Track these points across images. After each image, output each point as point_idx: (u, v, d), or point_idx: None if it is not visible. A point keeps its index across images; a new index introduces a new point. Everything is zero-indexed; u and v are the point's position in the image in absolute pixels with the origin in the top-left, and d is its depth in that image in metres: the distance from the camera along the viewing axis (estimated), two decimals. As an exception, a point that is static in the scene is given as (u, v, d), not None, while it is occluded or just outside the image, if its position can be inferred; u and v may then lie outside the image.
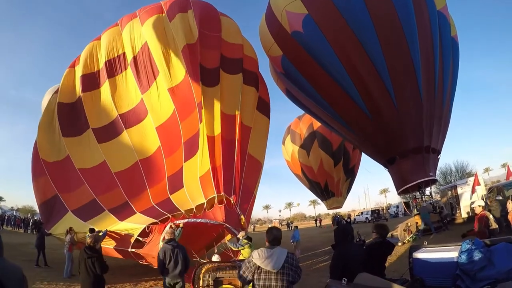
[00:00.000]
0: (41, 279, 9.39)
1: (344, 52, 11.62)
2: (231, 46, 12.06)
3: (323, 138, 24.03)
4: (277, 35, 12.94)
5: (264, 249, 3.12)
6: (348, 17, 11.32)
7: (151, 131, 11.14)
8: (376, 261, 4.34)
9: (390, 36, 11.24)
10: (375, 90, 11.77)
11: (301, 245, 16.61)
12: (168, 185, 10.53)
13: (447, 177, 39.65)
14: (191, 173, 10.30)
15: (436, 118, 12.18)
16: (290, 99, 15.88)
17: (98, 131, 11.56)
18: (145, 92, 11.13)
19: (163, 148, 10.94)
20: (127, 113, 11.40)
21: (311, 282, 8.08)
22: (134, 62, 11.21)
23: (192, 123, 10.70)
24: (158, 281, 9.63)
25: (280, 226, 53.34)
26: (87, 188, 10.97)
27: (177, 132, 10.81)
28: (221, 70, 11.44)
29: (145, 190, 10.66)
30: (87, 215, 10.59)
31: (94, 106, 11.73)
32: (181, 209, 9.66)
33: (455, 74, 13.40)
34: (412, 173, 12.32)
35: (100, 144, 11.38)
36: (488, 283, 3.26)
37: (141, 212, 9.97)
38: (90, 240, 5.37)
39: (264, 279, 3.03)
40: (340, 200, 26.20)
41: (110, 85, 11.46)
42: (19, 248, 16.54)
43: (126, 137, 11.26)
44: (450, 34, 12.88)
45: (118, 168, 11.13)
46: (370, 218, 40.15)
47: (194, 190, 10.02)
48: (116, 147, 11.33)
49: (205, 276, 5.34)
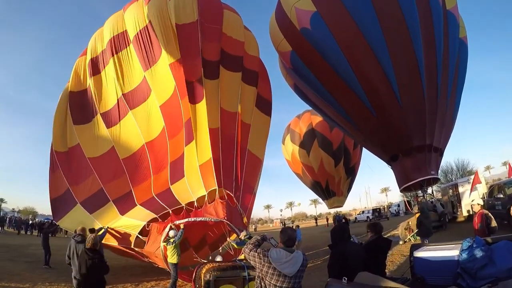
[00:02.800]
0: (43, 280, 9.40)
1: (350, 50, 11.78)
2: (232, 42, 11.91)
3: (323, 138, 24.00)
4: (287, 31, 13.20)
5: (283, 252, 3.03)
6: (355, 15, 11.50)
7: (155, 110, 10.89)
8: (375, 259, 4.34)
9: (396, 35, 11.34)
10: (379, 87, 11.86)
11: (302, 244, 16.65)
12: (170, 173, 10.33)
13: (448, 176, 39.68)
14: (191, 159, 10.14)
15: (439, 118, 12.20)
16: (298, 95, 16.17)
17: (105, 115, 11.42)
18: (148, 70, 10.86)
19: (167, 129, 10.69)
20: (131, 92, 11.18)
21: (312, 282, 8.07)
22: (136, 39, 10.97)
23: (186, 107, 10.50)
24: (160, 281, 9.66)
25: (281, 226, 53.48)
26: (96, 178, 10.88)
27: (178, 111, 10.56)
28: (221, 65, 11.31)
29: (149, 178, 10.49)
30: (93, 206, 10.53)
31: (100, 90, 11.62)
32: (182, 203, 9.53)
33: (462, 76, 13.37)
34: (414, 171, 12.35)
35: (108, 129, 11.25)
36: (489, 281, 3.24)
37: (141, 204, 9.87)
38: (91, 242, 5.37)
39: (277, 280, 2.95)
40: (341, 199, 26.20)
41: (114, 64, 11.26)
42: (20, 249, 16.60)
43: (132, 118, 11.06)
44: (458, 35, 12.85)
45: (125, 153, 10.99)
46: (371, 217, 40.26)
47: (194, 180, 9.85)
48: (123, 130, 11.16)
49: (206, 276, 5.34)
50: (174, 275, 8.08)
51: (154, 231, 8.89)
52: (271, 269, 2.96)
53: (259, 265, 3.03)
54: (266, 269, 2.98)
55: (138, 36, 10.86)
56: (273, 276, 2.95)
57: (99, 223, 9.99)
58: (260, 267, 3.03)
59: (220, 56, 11.32)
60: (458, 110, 13.63)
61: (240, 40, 12.16)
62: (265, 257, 3.02)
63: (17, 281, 9.04)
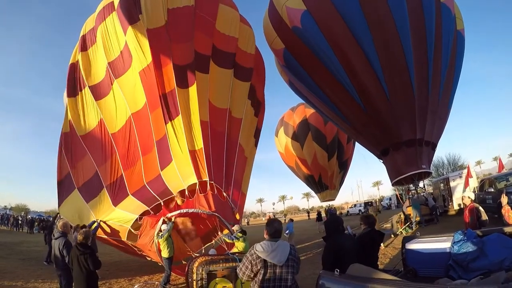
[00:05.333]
0: (36, 277, 9.33)
1: (339, 46, 11.97)
2: (225, 38, 11.60)
3: (317, 131, 24.07)
4: (279, 29, 13.41)
5: (268, 242, 3.01)
6: (342, 12, 11.68)
7: (137, 78, 10.38)
8: (367, 251, 4.35)
9: (381, 30, 11.48)
10: (368, 82, 11.99)
11: (295, 237, 16.74)
12: (158, 155, 9.99)
13: (439, 170, 40.08)
14: (173, 140, 9.90)
15: (430, 112, 12.26)
16: (293, 91, 16.34)
17: (94, 88, 11.07)
18: (127, 31, 10.34)
19: (148, 99, 10.24)
20: (116, 60, 10.74)
21: (305, 274, 8.10)
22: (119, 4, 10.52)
23: (167, 77, 10.18)
24: (152, 276, 9.64)
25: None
26: (89, 158, 10.66)
27: (154, 83, 10.11)
28: (212, 61, 11.04)
29: (138, 160, 10.19)
30: (89, 194, 10.34)
31: (90, 63, 11.32)
32: (173, 192, 9.39)
33: (457, 69, 13.44)
34: (405, 165, 12.46)
35: (97, 101, 10.91)
36: (481, 273, 3.27)
37: (133, 194, 9.69)
38: (82, 236, 5.30)
39: (270, 272, 2.93)
40: (333, 193, 26.43)
41: (102, 36, 10.90)
42: (13, 247, 16.44)
43: (118, 88, 10.66)
44: (455, 27, 12.90)
45: (114, 128, 10.66)
46: (363, 210, 40.68)
47: (184, 165, 9.63)
48: (110, 101, 10.81)
49: (199, 269, 5.32)
50: (167, 270, 8.05)
51: (146, 226, 8.83)
52: (262, 263, 2.94)
53: (254, 267, 2.95)
54: (259, 267, 2.94)
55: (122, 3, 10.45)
56: (266, 269, 2.93)
57: (94, 215, 9.86)
58: (255, 267, 2.95)
59: (211, 52, 11.07)
60: (452, 102, 13.72)
61: (234, 36, 11.92)
62: (253, 255, 2.98)
63: (10, 279, 8.95)
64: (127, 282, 9.00)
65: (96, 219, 9.69)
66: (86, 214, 10.04)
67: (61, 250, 6.15)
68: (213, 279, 5.30)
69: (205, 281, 5.24)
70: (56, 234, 6.52)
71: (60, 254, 6.18)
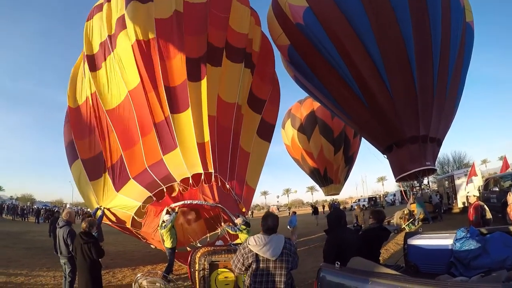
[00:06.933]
0: (41, 265, 9.48)
1: (341, 42, 11.97)
2: (237, 35, 11.36)
3: (324, 125, 23.94)
4: (284, 26, 13.43)
5: (261, 236, 2.99)
6: (344, 9, 11.69)
7: (130, 52, 9.91)
8: (371, 246, 4.34)
9: (382, 25, 11.41)
10: (370, 79, 11.92)
11: (298, 230, 16.78)
12: (158, 139, 9.68)
13: (444, 167, 39.88)
14: (181, 128, 9.69)
15: (435, 108, 12.08)
16: (299, 86, 16.38)
17: (90, 58, 10.86)
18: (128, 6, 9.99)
19: (143, 79, 9.84)
20: (113, 35, 10.40)
21: (306, 267, 8.15)
22: None
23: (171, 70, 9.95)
24: (156, 266, 9.75)
25: (278, 212, 53.86)
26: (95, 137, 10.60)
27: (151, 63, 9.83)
28: (225, 55, 10.80)
29: (138, 142, 9.90)
30: (93, 172, 10.31)
31: (90, 35, 11.17)
32: (177, 179, 9.31)
33: (466, 63, 13.21)
34: (409, 162, 12.39)
35: (91, 72, 10.64)
36: (482, 271, 3.26)
37: (134, 178, 9.59)
38: (86, 225, 5.35)
39: (262, 267, 2.90)
40: (338, 187, 26.39)
41: (106, 12, 10.73)
42: (19, 236, 16.72)
43: (113, 60, 10.29)
44: (464, 20, 12.64)
45: (109, 105, 10.32)
46: (367, 205, 40.61)
47: (191, 155, 9.48)
48: (105, 74, 10.50)
49: (201, 260, 5.37)
50: (170, 259, 8.14)
51: (151, 214, 8.90)
52: (255, 256, 2.91)
53: (246, 261, 2.95)
54: (250, 261, 2.92)
55: None
56: (258, 263, 2.91)
57: (97, 199, 9.90)
58: (248, 261, 2.95)
59: (224, 45, 10.88)
60: (460, 97, 13.52)
61: (244, 33, 11.74)
62: (245, 249, 2.98)
63: (15, 267, 9.09)
64: (130, 271, 9.12)
65: (100, 205, 9.71)
66: (87, 190, 10.17)
67: (65, 239, 6.15)
68: (215, 270, 5.34)
69: (207, 271, 5.29)
70: (60, 223, 6.52)
71: (64, 242, 6.19)
